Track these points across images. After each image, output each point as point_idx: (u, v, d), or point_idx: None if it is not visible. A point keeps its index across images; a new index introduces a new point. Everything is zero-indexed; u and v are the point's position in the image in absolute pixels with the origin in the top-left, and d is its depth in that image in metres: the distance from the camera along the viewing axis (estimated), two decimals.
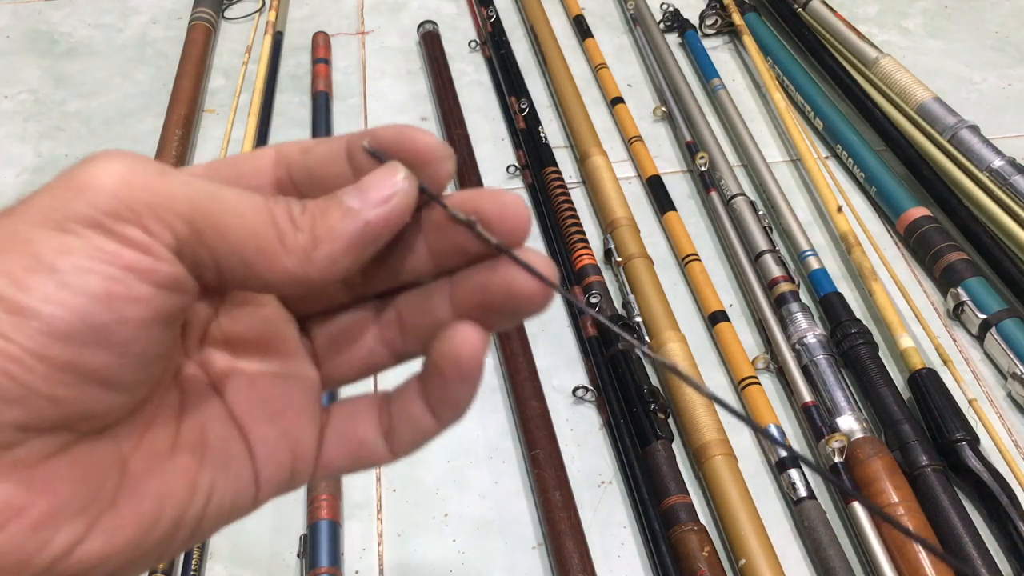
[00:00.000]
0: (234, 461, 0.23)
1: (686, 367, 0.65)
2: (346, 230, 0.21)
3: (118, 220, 0.19)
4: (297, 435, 0.23)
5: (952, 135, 0.82)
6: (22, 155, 0.89)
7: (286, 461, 0.23)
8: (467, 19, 1.07)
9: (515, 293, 0.22)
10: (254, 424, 0.23)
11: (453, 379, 0.22)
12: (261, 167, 0.23)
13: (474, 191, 0.22)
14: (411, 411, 0.23)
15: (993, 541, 0.58)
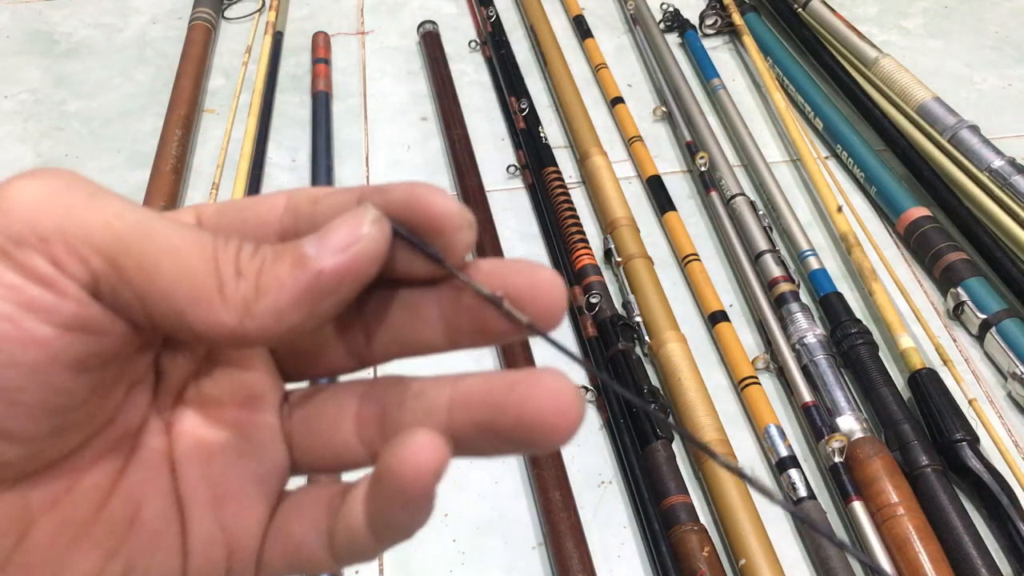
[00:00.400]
0: (161, 550, 0.19)
1: (687, 369, 0.65)
2: (295, 280, 0.18)
3: (22, 248, 0.16)
4: (238, 530, 0.20)
5: (952, 135, 0.82)
6: (22, 155, 0.89)
7: (219, 559, 0.20)
8: (467, 19, 1.07)
9: (533, 419, 0.18)
10: (196, 508, 0.20)
11: (393, 500, 0.18)
12: (268, 214, 0.20)
13: (503, 263, 0.19)
14: (351, 521, 0.19)
15: (993, 541, 0.58)
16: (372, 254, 0.18)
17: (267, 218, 0.20)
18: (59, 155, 0.89)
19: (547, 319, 0.19)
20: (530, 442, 0.18)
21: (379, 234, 0.18)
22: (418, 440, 0.18)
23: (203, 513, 0.20)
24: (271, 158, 0.88)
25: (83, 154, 0.89)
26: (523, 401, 0.18)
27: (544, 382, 0.18)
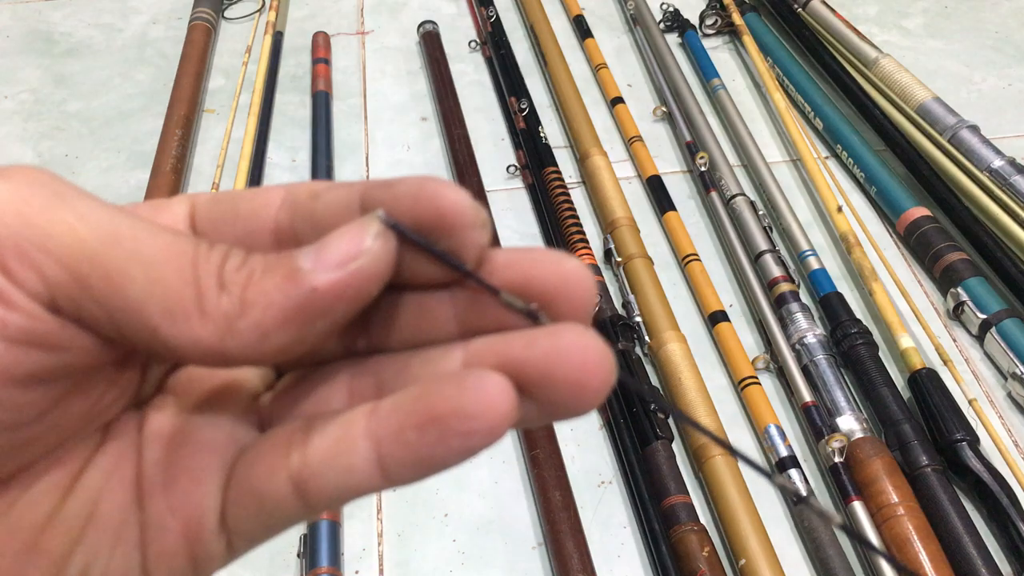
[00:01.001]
0: (120, 545, 0.18)
1: (687, 369, 0.65)
2: (285, 297, 0.16)
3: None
4: (189, 509, 0.18)
5: (952, 135, 0.82)
6: (22, 155, 0.89)
7: (176, 544, 0.18)
8: (467, 19, 1.07)
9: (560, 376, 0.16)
10: (151, 495, 0.18)
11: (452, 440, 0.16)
12: (263, 207, 0.18)
13: (521, 255, 0.17)
14: (347, 456, 0.16)
15: (993, 541, 0.58)
16: (374, 271, 0.16)
17: (261, 212, 0.18)
18: (59, 155, 0.89)
19: (578, 317, 0.17)
20: (555, 403, 0.16)
21: (383, 249, 0.16)
22: (490, 380, 0.16)
23: (156, 499, 0.18)
24: (271, 158, 0.88)
25: (83, 154, 0.89)
26: (547, 356, 0.16)
27: (568, 336, 0.16)
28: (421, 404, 0.16)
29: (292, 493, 0.17)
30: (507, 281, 0.17)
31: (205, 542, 0.18)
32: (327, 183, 0.18)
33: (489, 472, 0.62)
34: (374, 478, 0.16)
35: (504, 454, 0.63)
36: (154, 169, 0.82)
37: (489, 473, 0.62)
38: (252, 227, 0.18)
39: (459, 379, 0.16)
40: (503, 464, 0.63)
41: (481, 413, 0.15)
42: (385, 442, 0.16)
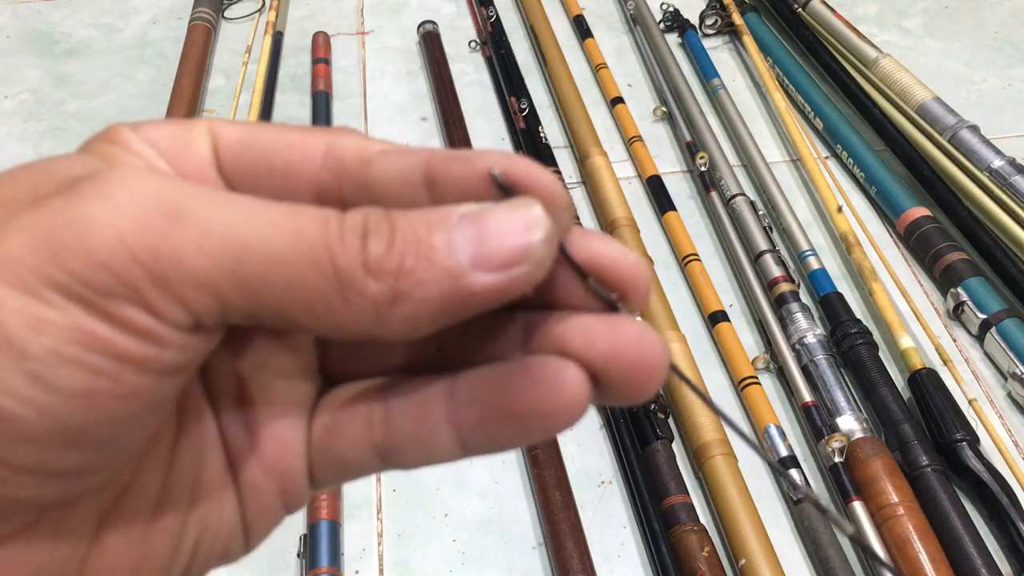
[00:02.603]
0: (224, 508, 0.18)
1: (687, 369, 0.65)
2: (440, 294, 0.15)
3: (110, 298, 0.14)
4: (290, 476, 0.19)
5: (952, 135, 0.82)
6: (22, 155, 0.89)
7: (277, 508, 0.19)
8: (467, 19, 1.07)
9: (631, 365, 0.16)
10: (240, 455, 0.18)
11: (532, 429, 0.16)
12: (301, 163, 0.17)
13: (595, 241, 0.17)
14: (430, 438, 0.17)
15: (993, 541, 0.58)
16: (537, 275, 0.15)
17: (300, 168, 0.17)
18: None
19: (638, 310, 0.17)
20: (617, 390, 0.16)
21: (548, 254, 0.15)
22: (567, 374, 0.16)
23: (248, 464, 0.18)
24: None
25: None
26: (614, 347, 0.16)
27: (634, 329, 0.16)
28: (501, 399, 0.16)
29: (377, 459, 0.18)
30: (581, 263, 0.16)
31: (297, 494, 0.18)
32: (379, 144, 0.17)
33: (489, 472, 0.62)
34: (455, 453, 0.17)
35: (504, 454, 0.63)
36: None
37: (489, 473, 0.62)
38: (289, 184, 0.17)
39: (536, 372, 0.16)
40: (503, 464, 0.63)
41: (560, 409, 0.16)
42: (466, 428, 0.16)
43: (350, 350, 0.19)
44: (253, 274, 0.15)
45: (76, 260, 0.14)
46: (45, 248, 0.14)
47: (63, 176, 0.15)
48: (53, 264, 0.14)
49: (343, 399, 0.18)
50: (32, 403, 0.14)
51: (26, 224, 0.14)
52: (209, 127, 0.18)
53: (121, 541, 0.17)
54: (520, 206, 0.15)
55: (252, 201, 0.15)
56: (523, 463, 0.62)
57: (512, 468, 0.63)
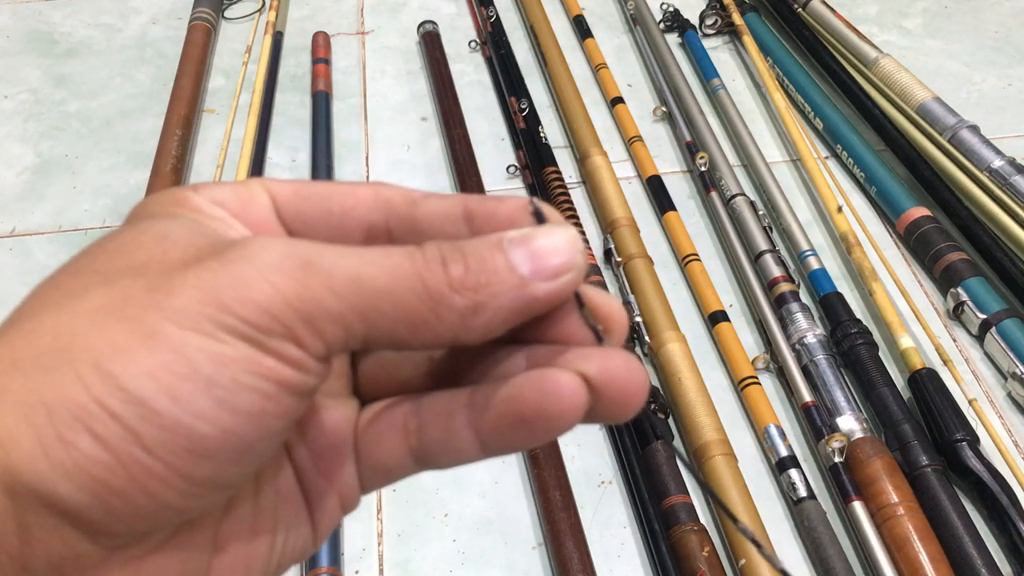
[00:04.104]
0: (299, 519, 0.22)
1: (687, 369, 0.65)
2: (511, 301, 0.18)
3: (272, 336, 0.17)
4: (346, 484, 0.22)
5: (952, 135, 0.82)
6: (22, 155, 0.89)
7: (337, 513, 0.22)
8: (467, 19, 1.07)
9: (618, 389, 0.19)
10: (313, 479, 0.22)
11: (538, 431, 0.19)
12: (355, 207, 0.21)
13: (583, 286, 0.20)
14: (456, 442, 0.20)
15: (993, 541, 0.58)
16: (577, 284, 0.19)
17: (354, 211, 0.21)
18: (59, 155, 0.89)
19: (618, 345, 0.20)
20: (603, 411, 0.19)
21: (585, 264, 0.19)
22: (565, 378, 0.18)
23: (314, 480, 0.22)
24: (271, 158, 0.88)
25: (83, 154, 0.89)
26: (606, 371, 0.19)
27: (622, 357, 0.19)
28: (512, 405, 0.19)
29: (414, 463, 0.21)
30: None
31: (351, 498, 0.22)
32: (420, 192, 0.21)
33: (489, 472, 0.62)
34: (478, 454, 0.20)
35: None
36: (154, 169, 0.82)
37: (489, 473, 0.62)
38: (344, 225, 0.21)
39: (541, 381, 0.19)
40: (503, 464, 0.63)
41: (560, 414, 0.18)
42: (484, 432, 0.20)
43: (381, 371, 0.23)
44: (370, 305, 0.18)
45: (243, 308, 0.17)
46: (214, 301, 0.17)
47: (187, 245, 0.19)
48: (224, 312, 0.17)
49: (380, 415, 0.22)
50: (218, 424, 0.17)
51: (191, 282, 0.17)
52: (264, 185, 0.21)
53: (233, 548, 0.20)
54: (561, 228, 0.19)
55: (355, 249, 0.19)
56: (523, 463, 0.62)
57: (512, 468, 0.63)
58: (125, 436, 0.16)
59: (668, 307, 0.70)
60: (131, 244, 0.19)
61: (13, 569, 0.17)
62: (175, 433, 0.17)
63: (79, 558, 0.17)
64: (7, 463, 0.16)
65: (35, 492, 0.16)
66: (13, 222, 0.81)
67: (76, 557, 0.17)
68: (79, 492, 0.16)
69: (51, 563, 0.17)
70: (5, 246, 0.79)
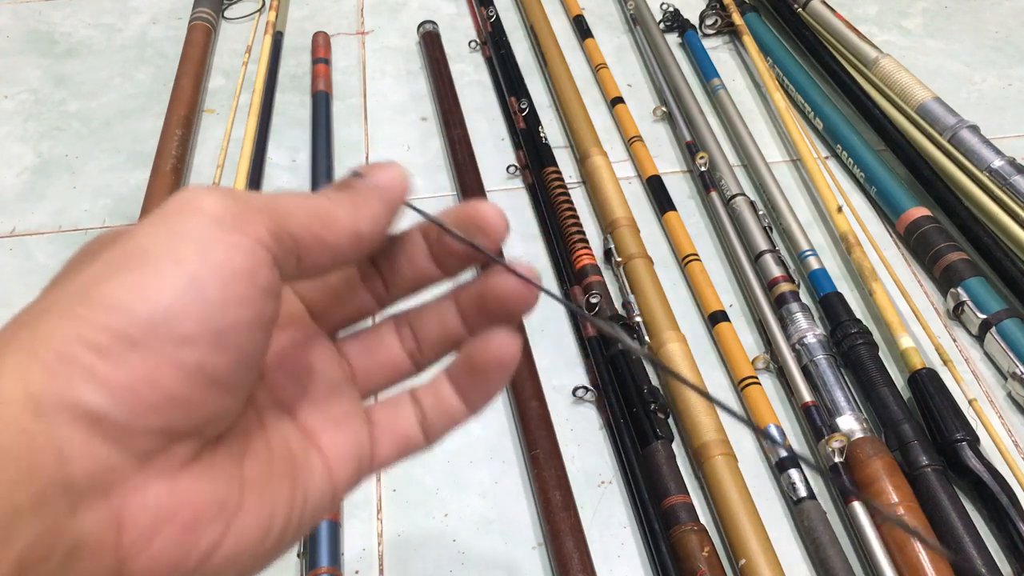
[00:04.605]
0: (313, 467, 0.25)
1: (686, 369, 0.65)
2: (377, 195, 0.25)
3: (222, 230, 0.21)
4: (358, 438, 0.26)
5: (952, 135, 0.82)
6: (22, 155, 0.89)
7: (354, 462, 0.26)
8: (467, 19, 1.07)
9: (507, 296, 0.26)
10: (325, 436, 0.25)
11: (493, 375, 0.26)
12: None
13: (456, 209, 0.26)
14: (447, 404, 0.27)
15: (993, 541, 0.58)
16: (404, 180, 0.26)
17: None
18: (59, 155, 0.89)
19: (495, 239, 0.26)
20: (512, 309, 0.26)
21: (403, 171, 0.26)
22: (503, 335, 0.26)
23: (330, 435, 0.25)
24: (271, 158, 0.88)
25: (83, 154, 0.89)
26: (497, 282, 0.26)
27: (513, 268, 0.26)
28: (473, 361, 0.26)
29: (421, 436, 0.27)
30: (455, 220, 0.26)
31: (364, 459, 0.26)
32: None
33: (489, 472, 0.62)
34: (464, 413, 0.27)
35: (504, 454, 0.63)
36: (154, 169, 0.82)
37: (489, 473, 0.62)
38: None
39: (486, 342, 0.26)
40: (503, 464, 0.63)
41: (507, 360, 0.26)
42: (462, 388, 0.27)
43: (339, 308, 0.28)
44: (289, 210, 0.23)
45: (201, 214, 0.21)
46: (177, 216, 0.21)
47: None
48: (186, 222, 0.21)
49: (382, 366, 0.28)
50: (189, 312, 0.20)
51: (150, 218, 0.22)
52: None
53: (257, 487, 0.23)
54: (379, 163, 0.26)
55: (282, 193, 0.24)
56: (523, 463, 0.62)
57: (512, 468, 0.63)
58: (113, 338, 0.19)
59: (668, 307, 0.70)
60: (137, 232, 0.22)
61: (55, 489, 0.18)
62: (154, 326, 0.20)
63: (113, 470, 0.19)
64: (28, 392, 0.19)
65: (57, 405, 0.19)
66: (13, 222, 0.81)
67: (111, 469, 0.19)
68: (92, 394, 0.19)
69: (90, 477, 0.19)
70: (5, 246, 0.79)
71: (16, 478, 0.18)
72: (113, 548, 0.20)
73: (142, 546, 0.20)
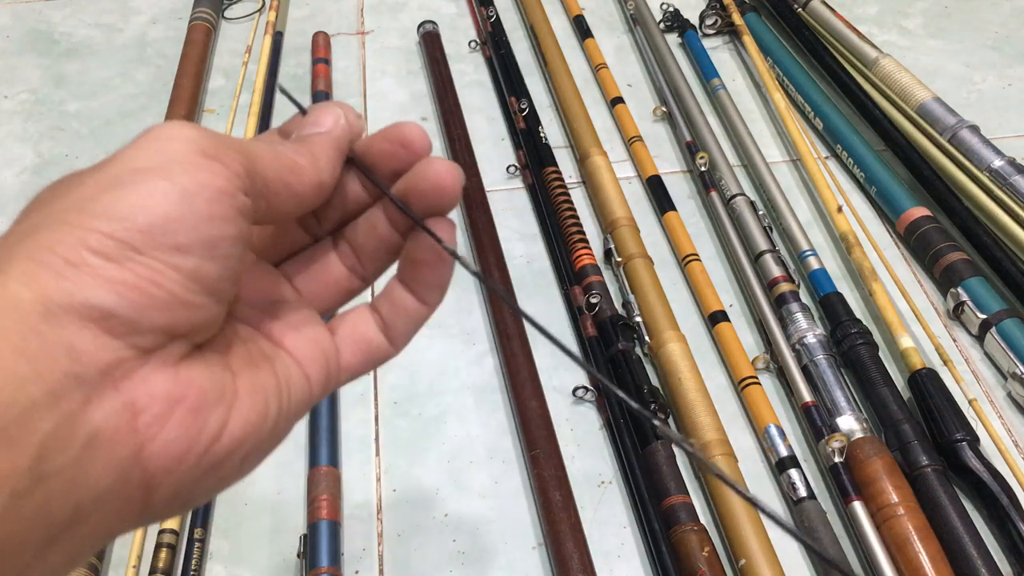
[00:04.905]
0: (290, 367, 0.27)
1: (687, 369, 0.65)
2: (329, 139, 0.27)
3: (204, 157, 0.23)
4: (319, 340, 0.28)
5: (952, 135, 0.82)
6: (22, 155, 0.89)
7: (321, 361, 0.27)
8: (467, 19, 1.07)
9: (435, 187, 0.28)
10: (289, 339, 0.27)
11: (434, 259, 0.28)
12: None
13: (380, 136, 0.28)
14: (402, 305, 0.28)
15: (993, 541, 0.58)
16: (349, 121, 0.28)
17: None
18: (59, 155, 0.89)
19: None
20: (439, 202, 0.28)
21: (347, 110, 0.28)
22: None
23: (295, 339, 0.27)
24: None
25: (83, 154, 0.89)
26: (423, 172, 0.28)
27: (433, 166, 0.28)
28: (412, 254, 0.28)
29: (385, 340, 0.29)
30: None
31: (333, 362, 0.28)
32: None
33: (489, 472, 0.62)
34: (421, 309, 0.29)
35: (504, 454, 0.63)
36: None
37: (489, 473, 0.62)
38: None
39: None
40: (503, 464, 0.63)
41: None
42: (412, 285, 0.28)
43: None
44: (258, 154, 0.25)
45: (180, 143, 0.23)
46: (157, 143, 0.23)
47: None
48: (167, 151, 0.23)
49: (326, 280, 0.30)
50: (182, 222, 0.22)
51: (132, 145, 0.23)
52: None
53: (245, 375, 0.25)
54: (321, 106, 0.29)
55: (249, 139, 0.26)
56: (523, 463, 0.62)
57: (512, 468, 0.63)
58: (116, 244, 0.21)
59: (668, 307, 0.70)
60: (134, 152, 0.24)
61: (69, 382, 0.20)
62: (153, 234, 0.21)
63: (122, 362, 0.21)
64: (38, 296, 0.20)
65: (67, 306, 0.20)
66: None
67: (119, 361, 0.21)
68: (102, 293, 0.20)
69: (101, 370, 0.21)
70: None
71: (31, 374, 0.19)
72: (128, 434, 0.21)
73: (156, 431, 0.21)
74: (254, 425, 0.24)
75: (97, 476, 0.20)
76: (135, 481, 0.21)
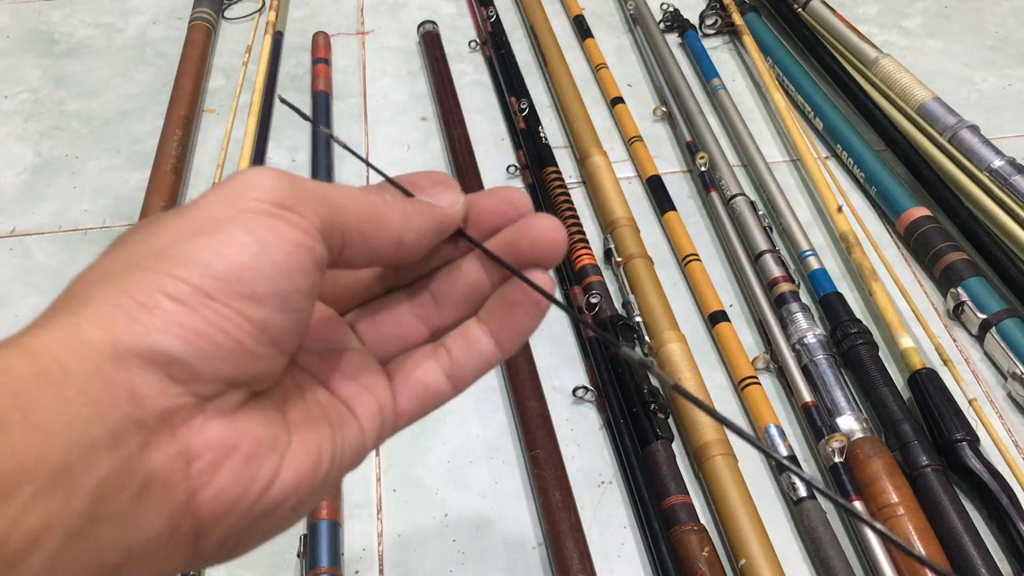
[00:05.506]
0: (345, 418, 0.26)
1: (686, 369, 0.65)
2: (431, 213, 0.27)
3: (283, 208, 0.23)
4: (376, 390, 0.27)
5: (952, 135, 0.82)
6: (22, 155, 0.89)
7: (376, 412, 0.27)
8: (467, 19, 1.07)
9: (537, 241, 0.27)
10: (345, 389, 0.27)
11: (527, 306, 0.27)
12: None
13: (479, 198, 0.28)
14: (478, 347, 0.28)
15: (993, 541, 0.58)
16: (463, 212, 0.28)
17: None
18: (59, 155, 0.89)
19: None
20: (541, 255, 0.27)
21: (464, 201, 0.28)
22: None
23: (351, 389, 0.27)
24: (271, 158, 0.88)
25: (83, 154, 0.89)
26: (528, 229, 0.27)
27: (540, 222, 0.27)
28: (508, 296, 0.28)
29: (447, 383, 0.28)
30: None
31: (388, 410, 0.28)
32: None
33: (489, 472, 0.62)
34: (496, 354, 0.28)
35: (504, 454, 0.63)
36: (154, 169, 0.82)
37: (489, 473, 0.62)
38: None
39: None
40: (503, 464, 0.63)
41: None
42: (495, 327, 0.28)
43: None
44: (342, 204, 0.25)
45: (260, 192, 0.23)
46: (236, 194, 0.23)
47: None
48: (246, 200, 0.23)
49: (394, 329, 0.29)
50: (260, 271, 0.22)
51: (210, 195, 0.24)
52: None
53: (302, 428, 0.25)
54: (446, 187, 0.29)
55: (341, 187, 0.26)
56: (523, 463, 0.62)
57: (512, 468, 0.63)
58: (192, 290, 0.21)
59: (668, 307, 0.70)
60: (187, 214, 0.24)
61: (130, 425, 0.20)
62: (229, 282, 0.22)
63: (180, 408, 0.21)
64: (109, 338, 0.20)
65: (135, 350, 0.20)
66: (13, 222, 0.81)
67: (178, 408, 0.21)
68: (170, 338, 0.21)
69: (160, 416, 0.21)
70: (5, 246, 0.79)
71: (93, 415, 0.19)
72: (182, 481, 0.21)
73: (209, 478, 0.22)
74: (306, 475, 0.24)
75: (149, 522, 0.20)
76: (185, 527, 0.21)
